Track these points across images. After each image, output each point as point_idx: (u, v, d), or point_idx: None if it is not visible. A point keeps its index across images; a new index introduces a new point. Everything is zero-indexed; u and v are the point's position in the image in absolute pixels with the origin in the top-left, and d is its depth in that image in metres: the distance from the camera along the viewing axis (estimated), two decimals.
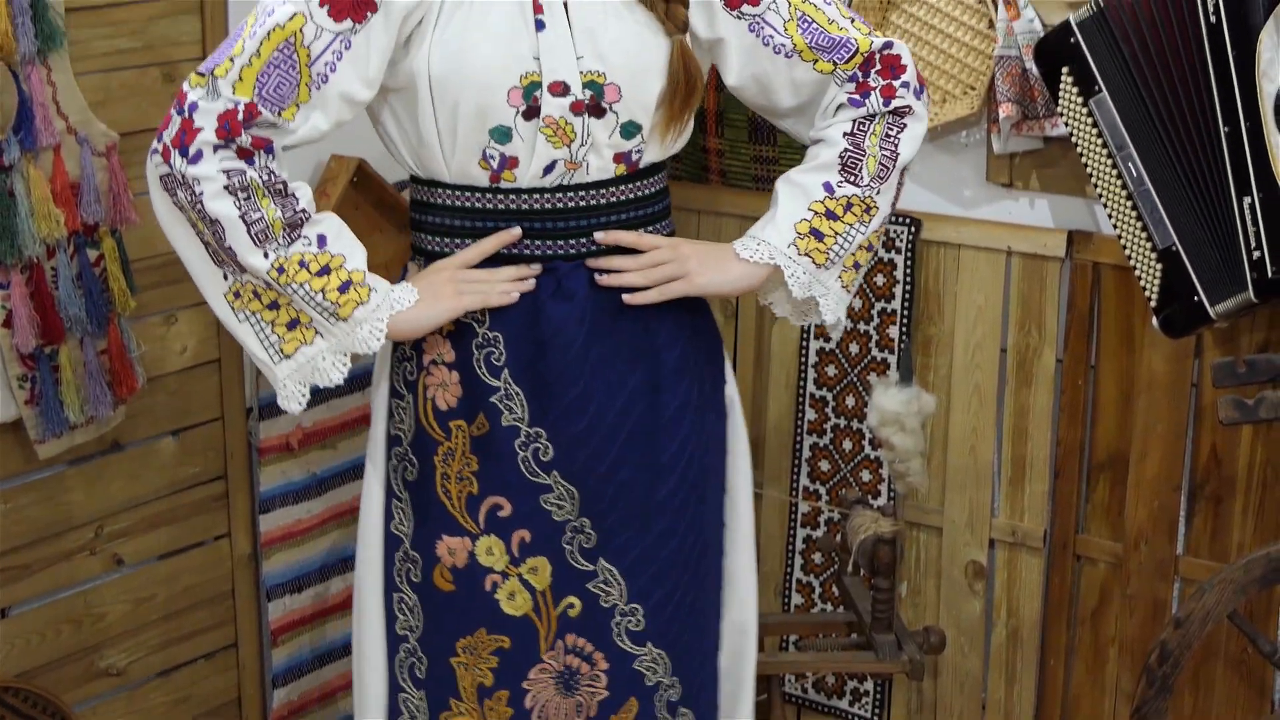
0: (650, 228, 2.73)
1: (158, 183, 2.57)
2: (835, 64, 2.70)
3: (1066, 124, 3.56)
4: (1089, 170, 3.54)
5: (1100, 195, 3.54)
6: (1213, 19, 3.29)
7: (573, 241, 2.65)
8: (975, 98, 3.81)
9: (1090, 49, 3.48)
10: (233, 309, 2.62)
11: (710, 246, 2.77)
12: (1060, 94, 3.55)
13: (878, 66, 2.72)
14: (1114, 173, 3.49)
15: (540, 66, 2.54)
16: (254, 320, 2.62)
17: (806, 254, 2.70)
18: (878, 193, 2.72)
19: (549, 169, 2.60)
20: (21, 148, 3.23)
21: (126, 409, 3.49)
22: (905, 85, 2.74)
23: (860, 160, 2.70)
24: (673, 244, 2.72)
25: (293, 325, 2.61)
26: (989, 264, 3.93)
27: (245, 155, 2.54)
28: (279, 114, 2.55)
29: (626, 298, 2.66)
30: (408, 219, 3.96)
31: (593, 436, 2.69)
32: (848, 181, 2.72)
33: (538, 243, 2.64)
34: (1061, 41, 3.53)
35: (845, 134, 2.72)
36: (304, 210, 2.58)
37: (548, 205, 2.63)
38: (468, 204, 2.65)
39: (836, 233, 2.70)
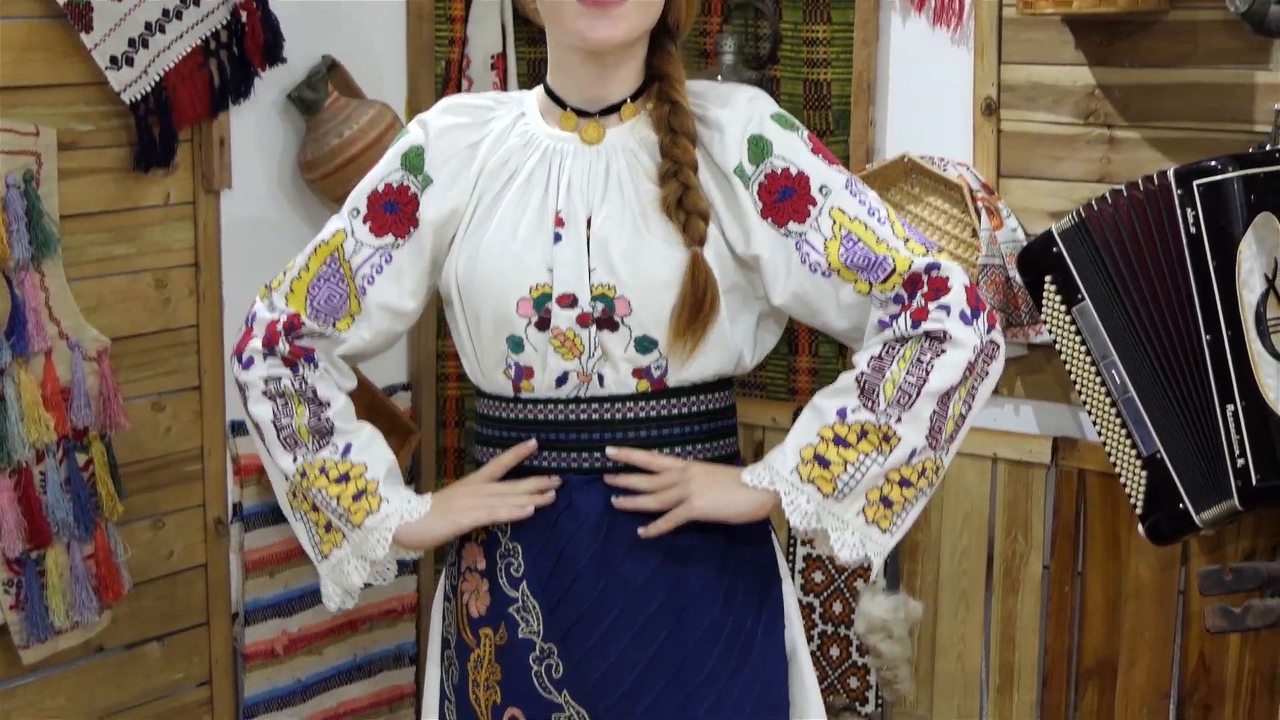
0: (685, 449, 2.64)
1: (238, 385, 2.69)
2: (871, 284, 2.56)
3: (1050, 331, 3.59)
4: (1073, 377, 3.57)
5: (1085, 402, 3.57)
6: (1193, 229, 3.33)
7: (586, 455, 2.60)
8: None
9: (1073, 258, 3.52)
10: (291, 507, 2.69)
11: (719, 471, 2.64)
12: (1044, 302, 3.59)
13: (924, 288, 2.55)
14: (1098, 380, 3.52)
15: (552, 278, 2.55)
16: (305, 520, 2.67)
17: (810, 481, 2.54)
18: (898, 420, 2.52)
19: (562, 380, 2.58)
20: (13, 352, 3.24)
21: (112, 613, 3.47)
22: (944, 309, 2.54)
23: (878, 385, 2.54)
24: (683, 466, 2.61)
25: (329, 528, 2.64)
26: (975, 470, 3.94)
27: (288, 363, 2.64)
28: (332, 324, 2.64)
29: (641, 530, 2.61)
30: (398, 424, 4.00)
31: (604, 659, 2.59)
32: (864, 407, 2.54)
33: (553, 455, 2.61)
34: (1044, 250, 3.57)
35: (872, 357, 2.56)
36: (330, 420, 2.62)
37: (563, 417, 2.60)
38: (496, 413, 2.65)
39: (846, 461, 2.53)
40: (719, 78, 4.20)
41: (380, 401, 3.95)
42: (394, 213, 2.63)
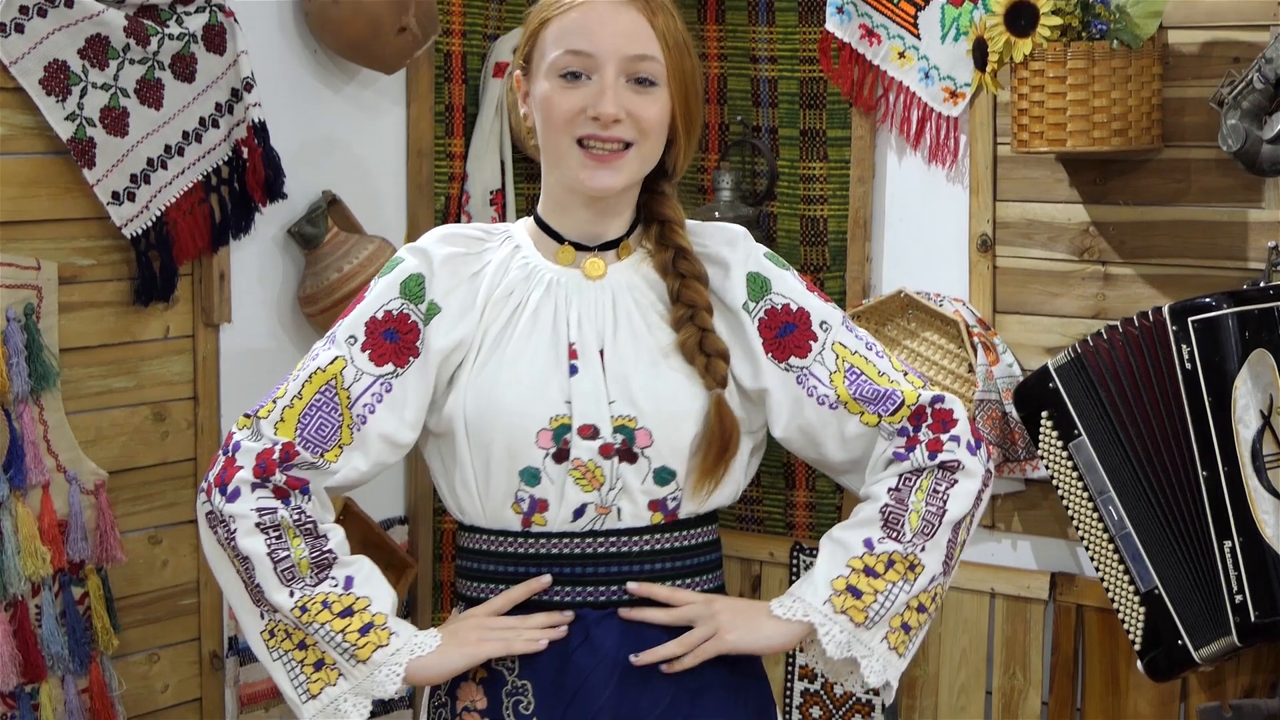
0: (689, 580, 2.64)
1: (203, 520, 2.59)
2: (880, 416, 2.60)
3: (1047, 467, 3.60)
4: (1070, 513, 3.57)
5: (1082, 538, 3.57)
6: (1188, 366, 3.34)
7: (603, 589, 2.58)
8: None
9: (1069, 394, 3.53)
10: (268, 648, 2.60)
11: (744, 604, 2.66)
12: (1040, 438, 3.60)
13: (929, 421, 2.61)
14: (1095, 516, 3.52)
15: (571, 410, 2.55)
16: (286, 660, 2.59)
17: (843, 612, 2.56)
18: (922, 549, 2.58)
19: (579, 513, 2.57)
20: (11, 485, 3.24)
21: None
22: (955, 439, 2.61)
23: (903, 515, 2.59)
24: (706, 600, 2.61)
25: (319, 666, 2.58)
26: (973, 606, 3.93)
27: (281, 495, 2.57)
28: (321, 455, 2.58)
29: (664, 667, 2.60)
30: (394, 558, 3.98)
31: None
32: (889, 538, 2.58)
33: (568, 589, 2.59)
34: (1040, 386, 3.59)
35: (890, 489, 2.60)
36: (331, 551, 2.58)
37: (578, 550, 2.58)
38: (501, 549, 2.62)
39: (876, 590, 2.57)
40: (716, 214, 4.24)
41: (377, 535, 3.94)
42: (394, 341, 2.59)
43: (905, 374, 2.64)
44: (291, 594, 2.55)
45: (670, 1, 2.60)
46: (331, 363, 2.59)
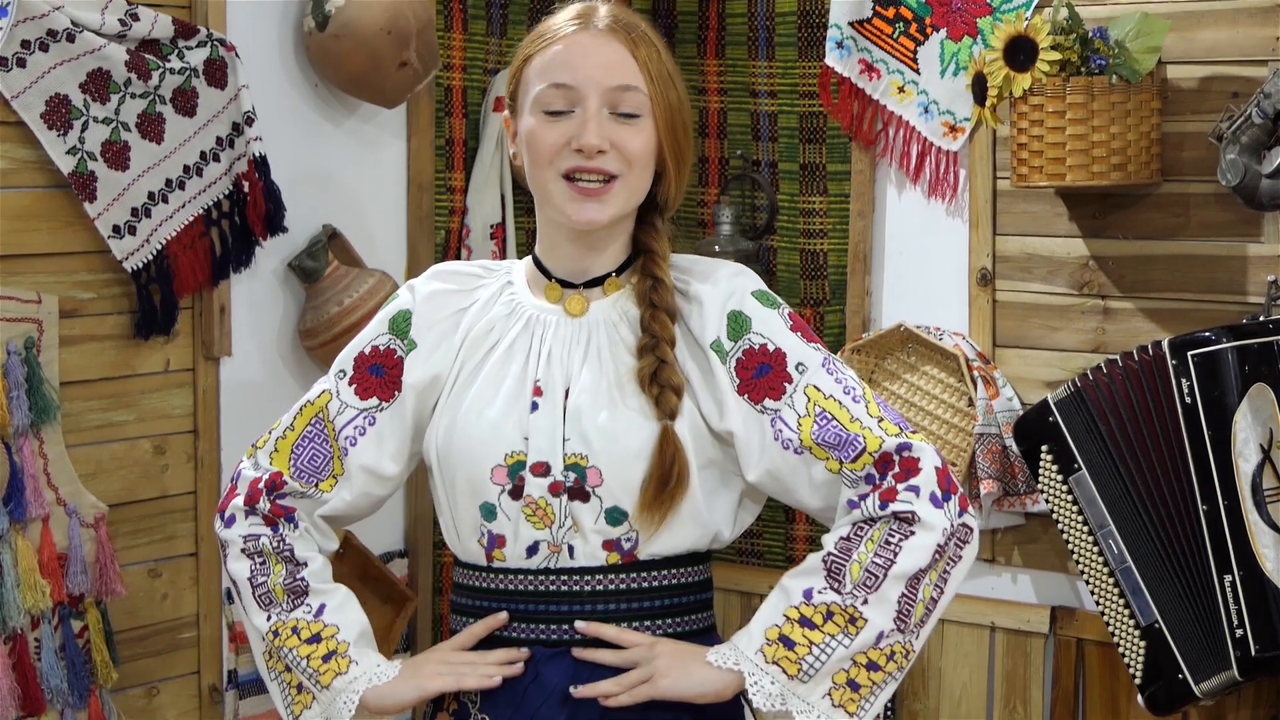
0: (650, 623, 2.60)
1: (219, 545, 2.70)
2: (841, 462, 2.54)
3: (1047, 501, 3.60)
4: (1070, 547, 3.57)
5: (1082, 572, 3.56)
6: (1188, 400, 3.35)
7: (554, 627, 2.58)
8: (956, 474, 3.86)
9: (1069, 428, 3.53)
10: (267, 667, 2.67)
11: (686, 649, 2.59)
12: (1040, 472, 3.60)
13: (895, 469, 2.53)
14: (1095, 550, 3.52)
15: (528, 446, 2.56)
16: (279, 680, 2.65)
17: (775, 662, 2.50)
18: (864, 602, 2.49)
19: (533, 550, 2.57)
20: (10, 518, 3.24)
21: None
22: (914, 490, 2.51)
23: (844, 565, 2.51)
24: (651, 643, 2.57)
25: (300, 689, 2.62)
26: (973, 640, 3.92)
27: (269, 522, 2.64)
28: (315, 485, 2.65)
29: (601, 702, 2.59)
30: (393, 591, 3.98)
31: None
32: (830, 588, 2.51)
33: (523, 625, 2.60)
34: (1040, 420, 3.59)
35: (840, 538, 2.53)
36: (305, 579, 2.61)
37: (532, 588, 2.58)
38: (470, 581, 2.64)
39: (812, 642, 2.49)
40: (716, 248, 4.24)
41: (376, 568, 3.94)
42: (379, 376, 2.64)
43: (880, 419, 2.56)
44: (268, 618, 2.62)
45: (655, 34, 2.59)
46: (319, 396, 2.67)
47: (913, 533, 2.51)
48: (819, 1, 4.27)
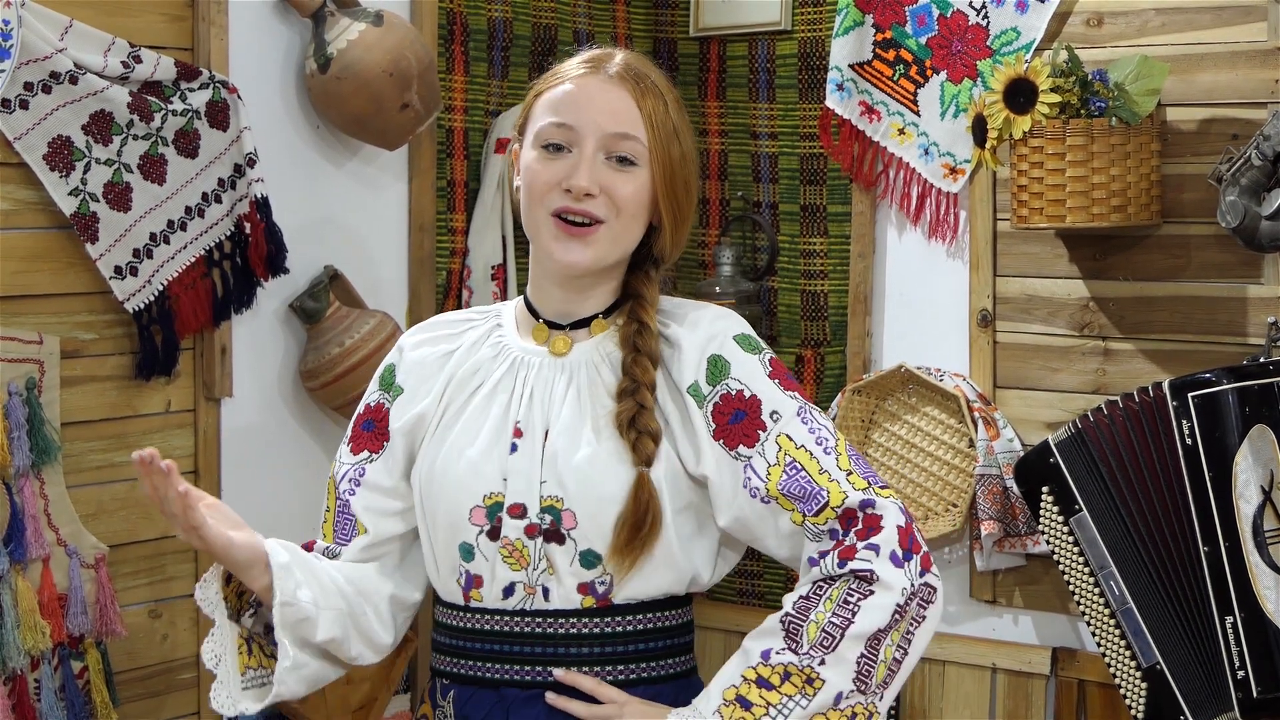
0: (621, 667, 2.59)
1: None
2: (805, 515, 2.52)
3: (1048, 542, 3.59)
4: (1071, 588, 3.57)
5: (1083, 613, 3.56)
6: (1189, 441, 3.35)
7: (529, 669, 2.57)
8: (957, 515, 3.86)
9: (1069, 469, 3.53)
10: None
11: (650, 709, 2.57)
12: (1041, 513, 3.60)
13: (858, 526, 2.51)
14: (1096, 591, 3.51)
15: (506, 487, 2.56)
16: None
17: None
18: (820, 662, 2.46)
19: (509, 591, 2.56)
20: (11, 559, 3.24)
21: None
22: (873, 548, 2.49)
23: (801, 625, 2.49)
24: (622, 701, 2.56)
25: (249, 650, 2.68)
26: (974, 681, 3.92)
27: None
28: (347, 542, 2.69)
29: None
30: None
31: None
32: (788, 649, 2.48)
33: (497, 666, 2.59)
34: (1041, 461, 3.59)
35: (799, 597, 2.51)
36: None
37: (507, 629, 2.57)
38: (449, 621, 2.64)
39: (769, 703, 2.47)
40: (716, 289, 4.25)
41: None
42: (370, 430, 2.69)
43: (850, 473, 2.54)
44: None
45: (669, 88, 2.59)
46: (333, 470, 2.73)
47: (871, 592, 2.48)
48: (819, 44, 4.29)
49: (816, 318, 4.31)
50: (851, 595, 2.48)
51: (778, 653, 2.49)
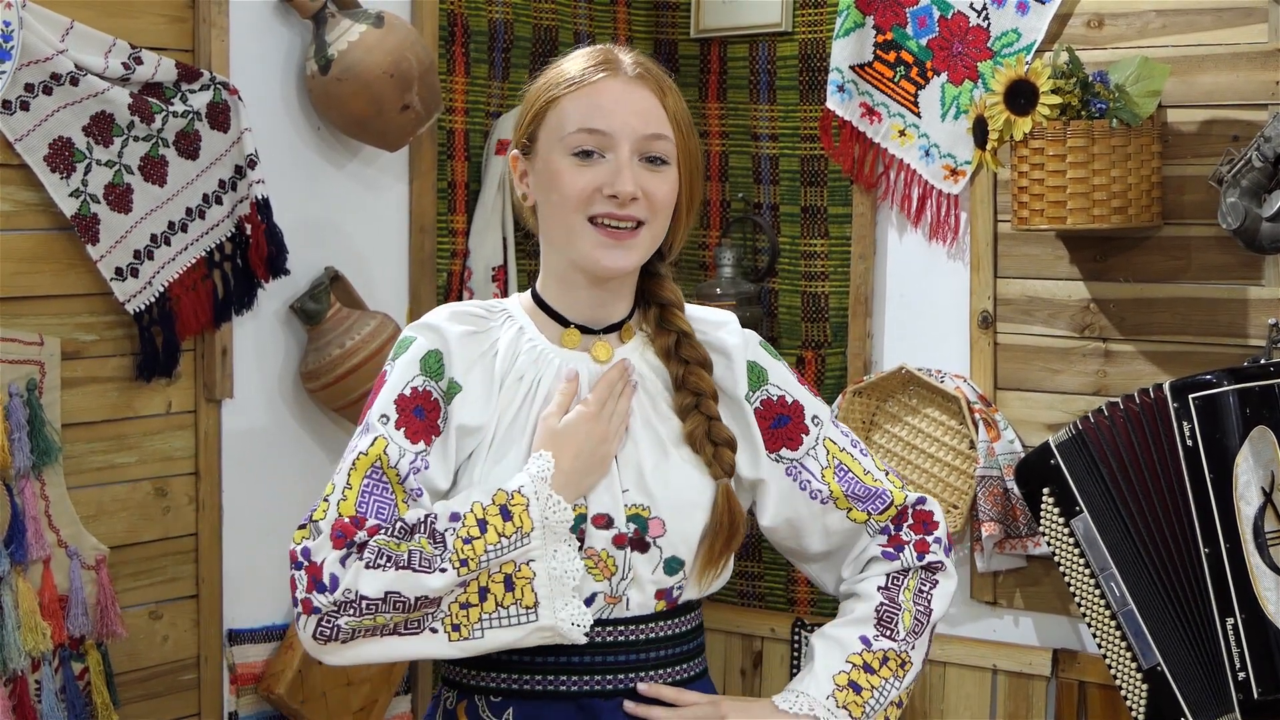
0: (688, 665, 2.62)
1: (321, 640, 2.45)
2: (870, 514, 2.66)
3: (1049, 543, 3.59)
4: (1072, 590, 3.57)
5: (1084, 614, 3.56)
6: (1189, 443, 3.35)
7: (610, 678, 2.56)
8: (958, 516, 3.86)
9: (1070, 470, 3.53)
10: (468, 640, 2.48)
11: (750, 702, 2.68)
12: (1042, 514, 3.60)
13: (910, 521, 2.68)
14: (1097, 592, 3.51)
15: (588, 500, 2.54)
16: (489, 622, 2.48)
17: (844, 707, 2.60)
18: (912, 648, 2.65)
19: (589, 602, 2.54)
20: (11, 560, 3.24)
21: None
22: (938, 541, 2.69)
23: (896, 615, 2.66)
24: (713, 700, 2.61)
25: (510, 585, 2.49)
26: (975, 682, 3.92)
27: (364, 547, 2.42)
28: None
29: None
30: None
31: None
32: (884, 636, 2.64)
33: (574, 678, 2.57)
34: (1042, 462, 3.59)
35: (880, 588, 2.67)
36: (431, 515, 2.46)
37: (586, 639, 2.57)
38: None
39: (873, 686, 2.62)
40: (718, 290, 4.25)
41: None
42: (422, 419, 2.53)
43: (887, 473, 2.70)
44: (444, 570, 2.43)
45: (673, 82, 2.61)
46: (372, 445, 2.50)
47: (938, 581, 2.69)
48: (820, 45, 4.29)
49: (817, 319, 4.31)
50: (924, 585, 2.68)
51: (875, 639, 2.64)
